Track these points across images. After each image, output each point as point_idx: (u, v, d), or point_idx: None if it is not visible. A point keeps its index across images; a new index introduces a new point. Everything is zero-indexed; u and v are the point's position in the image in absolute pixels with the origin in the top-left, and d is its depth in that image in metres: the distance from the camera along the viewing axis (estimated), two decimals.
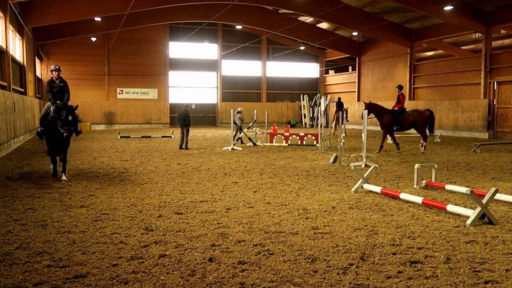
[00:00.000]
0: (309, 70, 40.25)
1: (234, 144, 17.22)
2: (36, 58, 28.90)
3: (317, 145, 17.40)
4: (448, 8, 21.71)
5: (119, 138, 22.15)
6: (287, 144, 18.57)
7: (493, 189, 6.14)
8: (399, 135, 24.37)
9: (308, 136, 18.92)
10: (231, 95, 37.77)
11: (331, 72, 39.77)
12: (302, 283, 4.12)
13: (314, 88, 40.14)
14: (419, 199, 7.05)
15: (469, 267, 4.53)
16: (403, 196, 7.41)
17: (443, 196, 8.11)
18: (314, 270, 4.41)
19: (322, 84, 40.26)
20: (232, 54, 36.78)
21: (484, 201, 6.08)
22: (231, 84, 37.74)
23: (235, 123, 17.93)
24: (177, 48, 35.87)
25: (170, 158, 13.88)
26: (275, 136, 19.68)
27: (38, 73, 30.64)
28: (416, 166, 8.93)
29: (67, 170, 10.15)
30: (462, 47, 28.54)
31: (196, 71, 36.64)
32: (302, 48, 36.74)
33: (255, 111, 19.69)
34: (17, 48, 21.86)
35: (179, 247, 5.10)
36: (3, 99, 14.55)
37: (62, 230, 5.74)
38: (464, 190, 7.43)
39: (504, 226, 6.04)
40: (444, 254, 4.90)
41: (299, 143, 18.63)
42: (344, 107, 24.94)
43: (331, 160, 12.63)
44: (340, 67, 38.97)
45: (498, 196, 7.25)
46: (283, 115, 39.04)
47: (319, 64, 40.16)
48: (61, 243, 5.20)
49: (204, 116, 37.27)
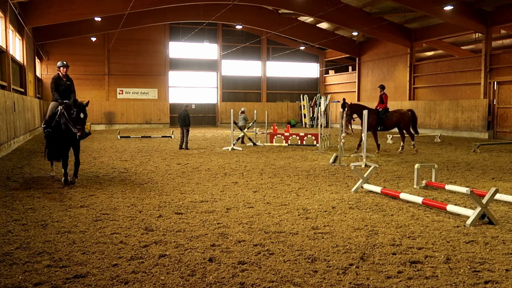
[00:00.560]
0: (309, 70, 40.25)
1: (234, 144, 17.22)
2: (36, 58, 28.90)
3: (317, 145, 17.40)
4: (448, 8, 21.71)
5: (119, 138, 22.14)
6: (287, 144, 18.57)
7: (493, 189, 6.14)
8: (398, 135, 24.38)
9: (308, 136, 18.92)
10: (231, 95, 37.77)
11: (331, 72, 39.77)
12: (302, 283, 4.12)
13: (314, 88, 40.14)
14: (419, 199, 7.05)
15: (469, 267, 4.53)
16: (403, 196, 7.41)
17: (443, 196, 8.11)
18: (314, 270, 4.41)
19: (322, 84, 40.26)
20: (232, 54, 36.78)
21: (484, 201, 6.08)
22: (231, 84, 37.74)
23: (235, 123, 17.93)
24: (177, 48, 35.87)
25: (170, 158, 13.87)
26: (275, 136, 19.69)
27: (38, 73, 30.64)
28: (416, 166, 8.93)
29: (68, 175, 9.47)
30: (462, 47, 28.53)
31: (196, 71, 36.65)
32: (302, 48, 36.74)
33: (255, 111, 19.69)
34: (17, 48, 21.87)
35: (179, 247, 5.10)
36: (3, 99, 14.55)
37: (62, 230, 5.74)
38: (464, 190, 7.43)
39: (504, 226, 6.04)
40: (444, 254, 4.90)
41: (299, 143, 18.63)
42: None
43: (331, 160, 12.64)
44: (340, 67, 38.97)
45: (498, 196, 7.25)
46: (283, 115, 39.04)
47: (319, 64, 40.16)
48: (61, 243, 5.20)
49: (204, 116, 37.27)
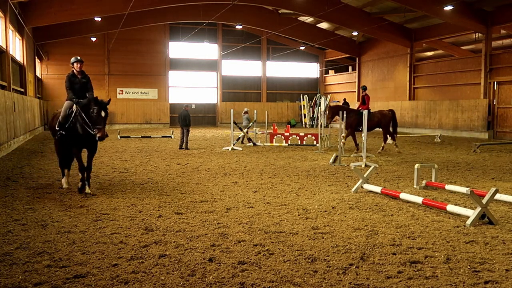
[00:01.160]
0: (309, 70, 40.24)
1: (234, 144, 17.22)
2: (36, 58, 28.90)
3: (317, 145, 17.39)
4: (448, 8, 21.71)
5: (119, 138, 22.13)
6: (287, 144, 18.57)
7: (493, 189, 6.14)
8: (401, 135, 24.38)
9: (308, 136, 18.92)
10: (231, 95, 37.77)
11: (331, 72, 39.76)
12: (302, 283, 4.11)
13: (314, 88, 40.13)
14: (419, 199, 7.05)
15: (469, 267, 4.53)
16: (403, 196, 7.41)
17: (443, 196, 8.11)
18: (314, 270, 4.41)
19: (322, 84, 40.25)
20: (232, 54, 36.77)
21: (484, 201, 6.08)
22: (231, 84, 37.74)
23: (235, 123, 17.93)
24: (177, 48, 35.87)
25: (170, 158, 13.87)
26: (275, 136, 19.69)
27: (38, 73, 30.63)
28: (416, 166, 8.93)
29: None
30: (462, 47, 28.53)
31: (196, 71, 36.65)
32: (302, 48, 36.73)
33: (255, 111, 19.69)
34: (17, 48, 21.87)
35: (179, 247, 5.10)
36: (3, 99, 14.55)
37: (62, 230, 5.73)
38: (464, 190, 7.43)
39: (504, 226, 6.04)
40: (444, 254, 4.90)
41: (299, 143, 18.63)
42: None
43: (331, 160, 12.64)
44: (340, 67, 38.96)
45: (498, 196, 7.25)
46: (283, 115, 39.04)
47: (319, 64, 40.16)
48: (61, 243, 5.20)
49: (204, 116, 37.27)
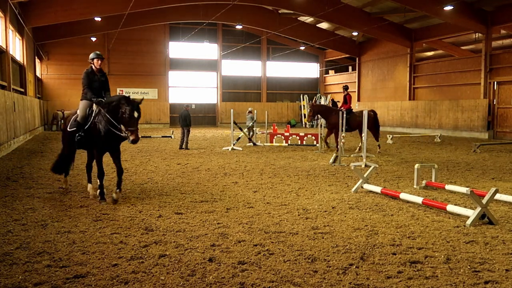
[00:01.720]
0: (309, 70, 40.25)
1: (234, 144, 17.21)
2: (36, 58, 28.90)
3: (317, 145, 17.39)
4: (448, 8, 21.71)
5: None
6: (287, 144, 18.56)
7: (493, 189, 6.14)
8: (401, 135, 24.39)
9: (308, 136, 18.91)
10: (231, 95, 37.77)
11: (331, 72, 39.77)
12: (302, 283, 4.11)
13: (314, 88, 40.14)
14: (419, 199, 7.05)
15: (469, 267, 4.53)
16: (403, 196, 7.41)
17: (443, 196, 8.11)
18: (314, 270, 4.41)
19: (322, 84, 40.26)
20: (232, 54, 36.78)
21: (484, 201, 6.08)
22: (231, 84, 37.74)
23: (235, 123, 17.93)
24: (177, 48, 35.87)
25: (170, 158, 13.87)
26: (275, 136, 19.69)
27: (38, 73, 30.64)
28: (416, 166, 8.93)
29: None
30: (462, 47, 28.54)
31: (196, 71, 36.65)
32: (302, 48, 36.73)
33: (255, 111, 19.70)
34: (17, 48, 21.87)
35: (179, 247, 5.10)
36: (3, 99, 14.55)
37: (62, 230, 5.73)
38: (464, 190, 7.43)
39: (504, 226, 6.04)
40: (444, 254, 4.90)
41: (299, 143, 18.63)
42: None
43: (331, 160, 12.64)
44: (340, 67, 38.96)
45: (498, 196, 7.25)
46: (283, 115, 39.04)
47: (319, 64, 40.17)
48: (61, 243, 5.20)
49: (204, 116, 37.27)
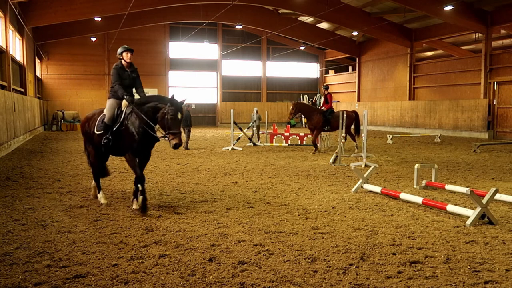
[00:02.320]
0: (309, 70, 40.25)
1: (234, 145, 17.22)
2: (36, 58, 28.90)
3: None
4: (448, 8, 21.71)
5: None
6: (287, 144, 18.57)
7: (493, 189, 6.14)
8: (401, 135, 24.39)
9: (308, 136, 18.89)
10: (231, 95, 37.77)
11: (331, 72, 39.77)
12: (302, 283, 4.11)
13: (314, 88, 40.13)
14: (419, 199, 7.05)
15: (469, 267, 4.53)
16: (403, 196, 7.41)
17: (443, 196, 8.11)
18: (314, 270, 4.41)
19: (322, 84, 40.25)
20: (232, 54, 36.78)
21: (484, 201, 6.08)
22: (231, 84, 37.74)
23: (235, 123, 17.92)
24: (177, 48, 35.87)
25: (170, 158, 13.88)
26: (275, 136, 19.68)
27: (38, 73, 30.63)
28: (416, 166, 8.93)
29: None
30: (462, 47, 28.53)
31: (196, 71, 36.65)
32: (302, 48, 36.73)
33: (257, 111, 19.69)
34: (17, 48, 21.86)
35: (179, 247, 5.10)
36: (3, 99, 14.55)
37: (62, 230, 5.73)
38: (464, 190, 7.42)
39: (504, 226, 6.04)
40: (444, 254, 4.90)
41: (299, 143, 18.63)
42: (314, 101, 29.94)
43: (331, 160, 12.63)
44: (340, 67, 38.97)
45: (498, 196, 7.25)
46: (283, 115, 39.02)
47: (319, 64, 40.17)
48: (61, 243, 5.20)
49: (204, 116, 37.27)
